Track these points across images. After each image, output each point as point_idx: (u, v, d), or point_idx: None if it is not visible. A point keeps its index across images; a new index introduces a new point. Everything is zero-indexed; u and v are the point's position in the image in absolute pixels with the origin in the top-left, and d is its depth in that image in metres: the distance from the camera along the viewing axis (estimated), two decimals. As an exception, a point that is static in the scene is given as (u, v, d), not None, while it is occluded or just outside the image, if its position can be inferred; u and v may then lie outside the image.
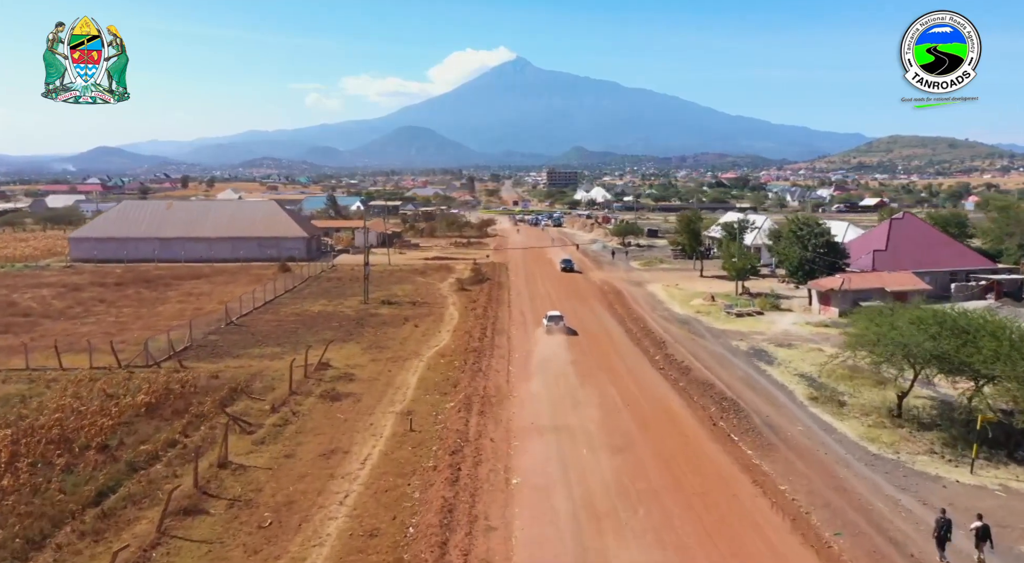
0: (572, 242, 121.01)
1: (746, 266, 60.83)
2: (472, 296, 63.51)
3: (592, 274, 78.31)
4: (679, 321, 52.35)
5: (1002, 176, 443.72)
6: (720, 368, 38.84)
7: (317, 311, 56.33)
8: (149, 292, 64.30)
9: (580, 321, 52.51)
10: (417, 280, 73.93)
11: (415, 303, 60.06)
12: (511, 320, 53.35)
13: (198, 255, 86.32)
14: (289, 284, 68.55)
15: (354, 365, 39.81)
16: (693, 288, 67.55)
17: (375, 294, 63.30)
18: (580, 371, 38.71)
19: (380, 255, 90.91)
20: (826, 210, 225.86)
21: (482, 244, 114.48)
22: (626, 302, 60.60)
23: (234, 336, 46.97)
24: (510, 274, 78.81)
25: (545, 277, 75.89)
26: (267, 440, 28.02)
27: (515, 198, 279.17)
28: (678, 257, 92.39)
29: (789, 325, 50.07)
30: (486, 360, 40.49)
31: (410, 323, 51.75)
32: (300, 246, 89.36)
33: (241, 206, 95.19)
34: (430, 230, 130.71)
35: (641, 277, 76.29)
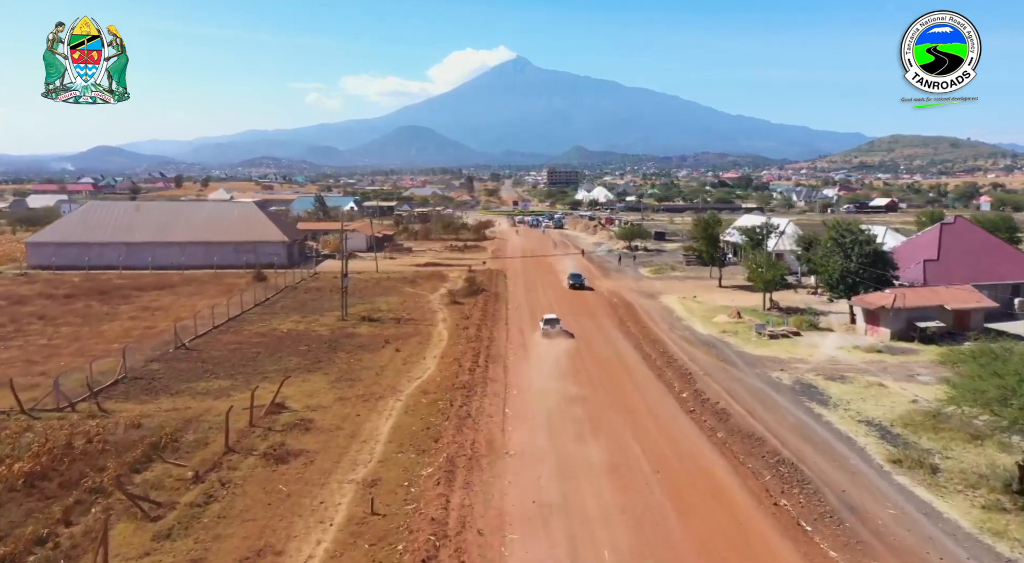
0: (575, 245, 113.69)
1: (775, 277, 53.50)
2: (465, 311, 56.21)
3: (599, 283, 70.94)
4: (703, 343, 45.03)
5: (1006, 176, 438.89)
6: (764, 411, 31.52)
7: (286, 330, 48.98)
8: (101, 306, 56.94)
9: (588, 342, 45.22)
10: (405, 291, 66.58)
11: (400, 320, 52.73)
12: (508, 342, 46.05)
13: (169, 261, 78.99)
14: (262, 295, 61.22)
15: (316, 406, 32.50)
16: (713, 301, 60.26)
17: (356, 308, 56.06)
18: (592, 413, 31.42)
19: (368, 261, 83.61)
20: (835, 210, 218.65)
21: (479, 248, 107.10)
22: (640, 318, 53.25)
23: (181, 364, 39.63)
24: (508, 283, 71.51)
25: (547, 287, 68.55)
26: (175, 532, 20.68)
27: (515, 198, 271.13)
28: (691, 264, 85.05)
29: (834, 350, 42.72)
30: (477, 400, 33.15)
31: (391, 346, 44.40)
32: (280, 251, 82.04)
33: (217, 208, 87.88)
34: (424, 233, 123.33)
35: (653, 287, 68.93)
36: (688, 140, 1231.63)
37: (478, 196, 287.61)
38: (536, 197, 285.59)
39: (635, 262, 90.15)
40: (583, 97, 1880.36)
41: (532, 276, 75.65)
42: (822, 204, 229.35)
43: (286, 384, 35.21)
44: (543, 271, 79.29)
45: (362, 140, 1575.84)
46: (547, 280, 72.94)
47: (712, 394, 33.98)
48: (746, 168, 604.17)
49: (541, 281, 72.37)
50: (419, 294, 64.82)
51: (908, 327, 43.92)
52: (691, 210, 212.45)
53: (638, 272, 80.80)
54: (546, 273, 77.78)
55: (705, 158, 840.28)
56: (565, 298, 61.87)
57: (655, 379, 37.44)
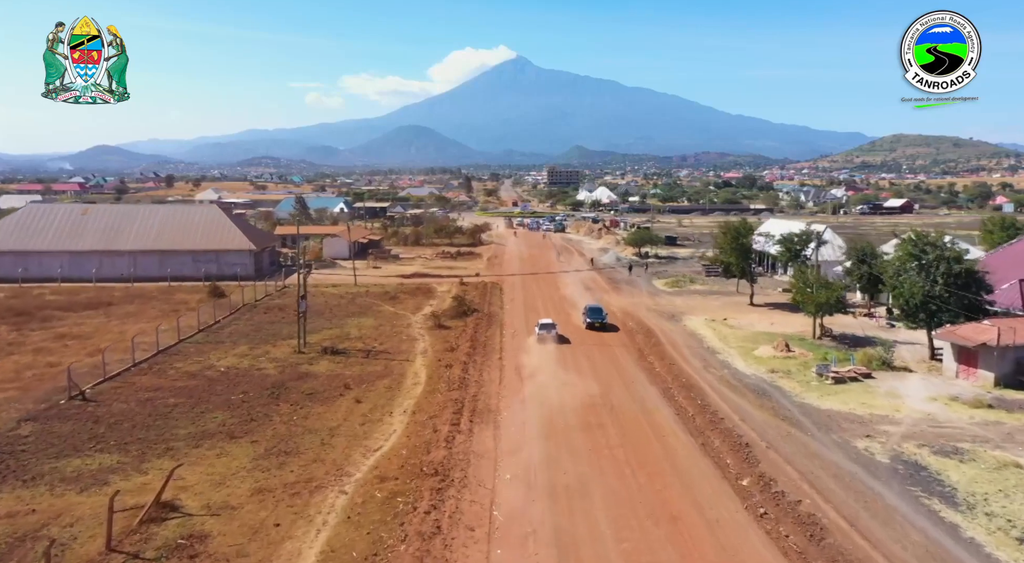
0: (579, 251, 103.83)
1: (831, 299, 43.58)
2: (452, 338, 46.35)
3: (609, 300, 61.08)
4: (751, 390, 35.20)
5: (1011, 175, 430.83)
6: (872, 520, 21.62)
7: (225, 368, 39.08)
8: (9, 332, 47.01)
9: (605, 387, 35.39)
10: (383, 310, 56.72)
11: (370, 352, 42.83)
12: (501, 386, 36.19)
13: (117, 273, 69.10)
14: (212, 317, 51.37)
15: (222, 505, 22.61)
16: (748, 324, 50.47)
17: (321, 334, 46.38)
18: (621, 521, 21.58)
19: (347, 272, 73.76)
20: (847, 211, 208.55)
21: (473, 255, 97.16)
22: (664, 351, 43.34)
23: (64, 426, 29.71)
24: (505, 300, 61.65)
25: (551, 305, 58.66)
26: None
27: (514, 198, 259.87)
28: (712, 275, 75.20)
29: (926, 402, 32.81)
30: (453, 496, 23.21)
31: (351, 394, 34.50)
32: (246, 261, 72.09)
33: (175, 212, 77.81)
34: (415, 237, 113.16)
35: (673, 305, 59.06)
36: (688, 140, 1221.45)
37: (476, 196, 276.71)
38: (536, 197, 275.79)
39: (647, 272, 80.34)
40: (583, 97, 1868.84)
41: (532, 291, 65.79)
42: (833, 205, 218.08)
43: (195, 460, 25.58)
44: (545, 284, 69.39)
45: (362, 140, 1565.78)
46: (550, 297, 63.03)
47: (785, 483, 24.12)
48: (747, 168, 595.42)
49: (543, 298, 62.52)
50: (399, 315, 54.96)
51: (1018, 370, 34.08)
52: (698, 211, 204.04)
53: (652, 285, 70.86)
54: (548, 287, 67.89)
55: (706, 158, 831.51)
56: (571, 322, 51.98)
57: (699, 452, 27.52)
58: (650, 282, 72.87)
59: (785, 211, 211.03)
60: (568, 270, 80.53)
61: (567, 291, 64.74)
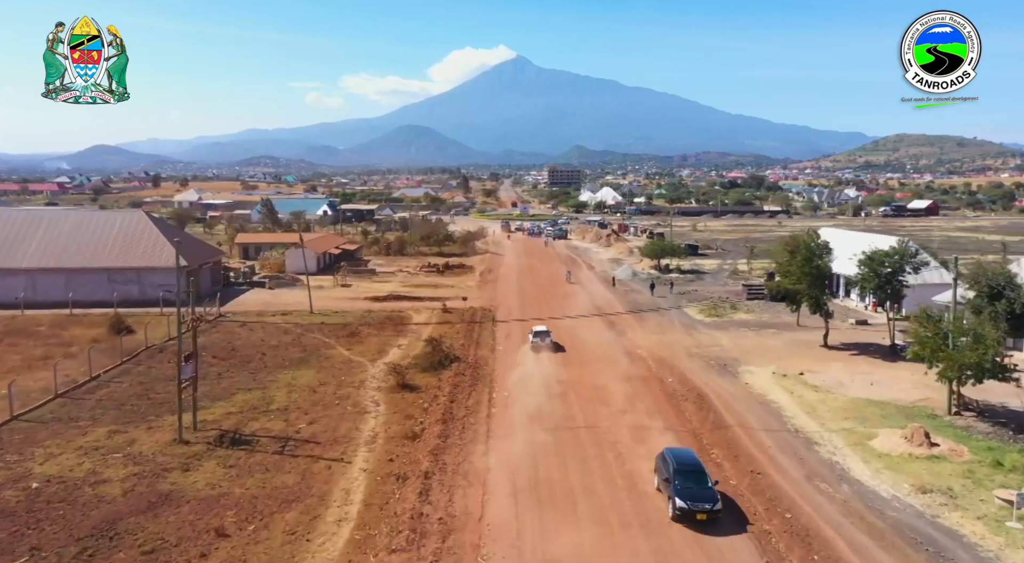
0: (587, 262, 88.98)
1: (985, 360, 28.75)
2: (416, 411, 31.79)
3: (633, 337, 46.59)
4: (909, 541, 20.54)
5: (1020, 175, 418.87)
6: None
7: (43, 481, 24.35)
8: None
9: (665, 542, 20.62)
10: (334, 355, 42.07)
11: (286, 442, 28.19)
12: (483, 524, 21.53)
13: (10, 296, 54.48)
14: (91, 369, 36.75)
15: None
16: (836, 382, 36.03)
17: (227, 403, 32.23)
18: None
19: (310, 289, 59.04)
20: (868, 213, 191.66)
21: (464, 268, 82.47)
22: (732, 438, 28.69)
23: None
24: (498, 337, 47.04)
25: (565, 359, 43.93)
26: None
27: (514, 199, 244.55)
28: (754, 297, 60.75)
29: None
30: None
31: (221, 553, 19.88)
32: (175, 281, 57.08)
33: (88, 219, 62.76)
34: (398, 246, 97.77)
35: (719, 346, 44.44)
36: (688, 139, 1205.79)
37: (474, 197, 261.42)
38: (537, 198, 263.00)
39: (672, 291, 65.83)
40: (583, 96, 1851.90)
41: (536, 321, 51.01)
42: (853, 206, 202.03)
43: None
44: (550, 308, 54.57)
45: (362, 139, 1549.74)
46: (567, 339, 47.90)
47: None
48: (749, 167, 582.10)
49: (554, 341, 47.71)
50: (353, 363, 40.26)
51: None
52: (710, 213, 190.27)
53: (685, 313, 56.11)
54: (555, 313, 53.07)
55: (707, 157, 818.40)
56: (594, 370, 37.28)
57: None
58: (679, 306, 58.21)
59: (801, 213, 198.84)
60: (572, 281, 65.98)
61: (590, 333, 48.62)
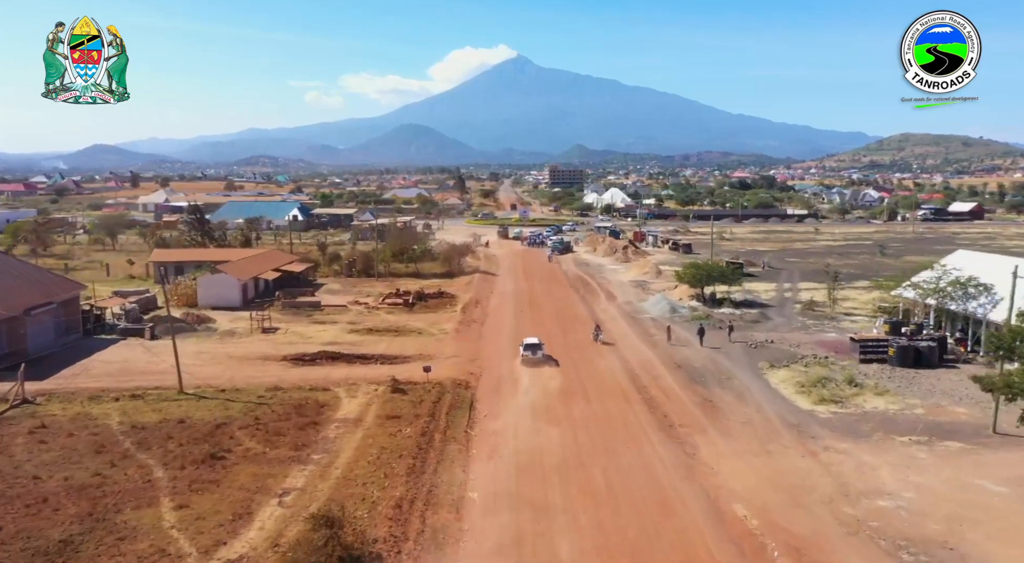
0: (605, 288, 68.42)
1: None
2: None
3: (712, 460, 27.43)
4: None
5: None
6: None
7: None
8: None
9: None
10: (132, 534, 20.95)
11: None
12: None
13: None
14: None
15: None
16: None
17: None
18: None
19: (214, 339, 47.85)
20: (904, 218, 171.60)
21: (444, 298, 63.05)
22: None
23: None
24: (473, 465, 27.39)
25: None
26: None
27: (513, 200, 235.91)
28: (870, 359, 41.05)
29: None
30: None
31: None
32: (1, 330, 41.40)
33: None
34: (364, 264, 78.43)
35: (890, 497, 23.78)
36: (689, 139, 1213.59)
37: (471, 198, 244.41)
38: (538, 199, 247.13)
39: (731, 338, 47.93)
40: (583, 96, 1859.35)
41: (538, 441, 29.51)
42: (888, 210, 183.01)
43: None
44: (571, 377, 37.91)
45: (362, 139, 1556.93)
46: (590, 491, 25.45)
47: None
48: (752, 167, 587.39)
49: (566, 488, 25.46)
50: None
51: None
52: (730, 217, 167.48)
53: (769, 386, 37.08)
54: (567, 411, 32.98)
55: (709, 157, 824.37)
56: None
57: None
58: (757, 372, 39.40)
59: (829, 217, 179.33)
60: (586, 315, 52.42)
61: (628, 452, 28.33)
